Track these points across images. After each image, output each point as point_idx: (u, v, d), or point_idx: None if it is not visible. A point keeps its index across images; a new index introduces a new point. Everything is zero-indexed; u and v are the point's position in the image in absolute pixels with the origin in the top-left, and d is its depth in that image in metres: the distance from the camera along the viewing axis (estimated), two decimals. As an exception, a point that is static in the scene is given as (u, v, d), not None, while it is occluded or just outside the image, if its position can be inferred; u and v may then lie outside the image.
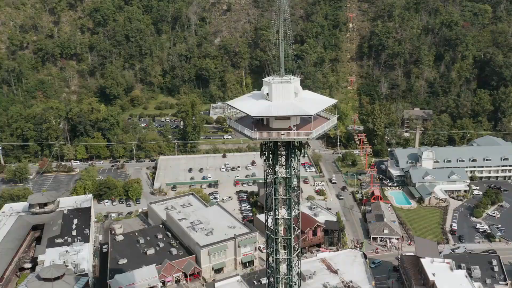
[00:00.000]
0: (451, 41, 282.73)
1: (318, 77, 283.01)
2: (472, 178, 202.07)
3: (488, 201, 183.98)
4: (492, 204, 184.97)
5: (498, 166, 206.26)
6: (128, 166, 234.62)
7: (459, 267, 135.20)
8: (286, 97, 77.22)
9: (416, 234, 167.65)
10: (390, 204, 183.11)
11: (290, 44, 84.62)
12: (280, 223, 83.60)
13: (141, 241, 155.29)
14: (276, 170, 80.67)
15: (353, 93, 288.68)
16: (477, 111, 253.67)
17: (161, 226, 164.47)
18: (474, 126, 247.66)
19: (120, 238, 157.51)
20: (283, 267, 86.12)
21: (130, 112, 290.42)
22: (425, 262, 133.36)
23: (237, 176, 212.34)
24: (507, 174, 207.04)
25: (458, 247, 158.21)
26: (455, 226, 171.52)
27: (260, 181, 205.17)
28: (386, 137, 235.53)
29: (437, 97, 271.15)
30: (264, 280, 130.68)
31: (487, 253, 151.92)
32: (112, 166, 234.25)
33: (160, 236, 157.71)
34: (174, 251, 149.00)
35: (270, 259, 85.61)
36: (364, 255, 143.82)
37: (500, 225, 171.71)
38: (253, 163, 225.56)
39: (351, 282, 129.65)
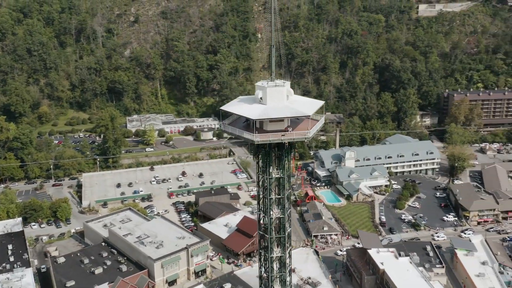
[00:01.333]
0: (353, 48, 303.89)
1: (234, 86, 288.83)
2: (389, 174, 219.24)
3: (407, 194, 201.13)
4: (411, 196, 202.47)
5: (410, 161, 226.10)
6: (47, 186, 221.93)
7: (399, 255, 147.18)
8: (280, 100, 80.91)
9: (351, 229, 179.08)
10: (323, 203, 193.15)
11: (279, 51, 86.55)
12: (272, 222, 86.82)
13: (86, 261, 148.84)
14: (270, 171, 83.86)
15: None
16: (383, 113, 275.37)
17: (103, 244, 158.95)
18: (381, 126, 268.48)
19: (61, 260, 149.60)
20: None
21: (39, 130, 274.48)
22: (372, 253, 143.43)
23: (170, 188, 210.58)
24: (419, 168, 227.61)
25: (389, 238, 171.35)
26: (383, 219, 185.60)
27: (195, 190, 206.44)
28: (306, 141, 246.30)
29: (345, 101, 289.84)
30: (227, 286, 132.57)
31: (418, 241, 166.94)
32: (53, 185, 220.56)
33: (104, 254, 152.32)
34: (124, 268, 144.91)
35: (264, 258, 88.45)
36: (316, 252, 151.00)
37: (422, 215, 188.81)
38: (183, 173, 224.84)
39: (310, 278, 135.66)
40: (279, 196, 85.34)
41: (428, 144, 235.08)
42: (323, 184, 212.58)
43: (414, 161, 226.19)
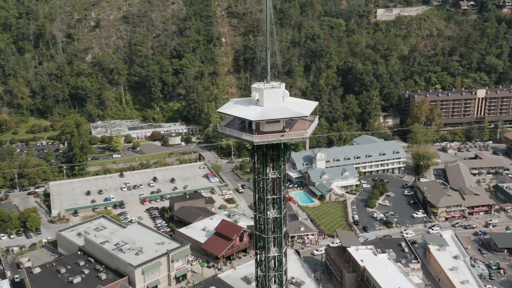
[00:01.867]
0: (316, 52, 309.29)
1: (201, 90, 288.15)
2: (359, 174, 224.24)
3: (377, 193, 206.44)
4: (381, 195, 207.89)
5: (378, 161, 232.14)
6: (12, 196, 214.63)
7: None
8: (276, 101, 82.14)
9: (326, 229, 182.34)
10: (297, 204, 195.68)
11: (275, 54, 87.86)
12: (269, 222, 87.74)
13: (62, 270, 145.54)
14: (267, 171, 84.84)
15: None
16: (348, 114, 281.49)
17: (79, 252, 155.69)
18: (347, 128, 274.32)
19: (37, 270, 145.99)
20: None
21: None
22: (352, 250, 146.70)
23: (142, 194, 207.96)
24: (386, 167, 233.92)
25: (362, 236, 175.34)
26: (356, 218, 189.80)
27: (169, 196, 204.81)
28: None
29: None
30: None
31: (393, 237, 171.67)
32: (29, 193, 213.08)
33: (81, 263, 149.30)
34: (103, 276, 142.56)
35: (261, 257, 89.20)
36: (297, 252, 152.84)
37: (393, 212, 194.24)
38: (154, 179, 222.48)
39: (293, 278, 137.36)
40: (276, 196, 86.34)
41: (394, 144, 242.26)
42: (296, 185, 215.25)
43: (381, 160, 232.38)
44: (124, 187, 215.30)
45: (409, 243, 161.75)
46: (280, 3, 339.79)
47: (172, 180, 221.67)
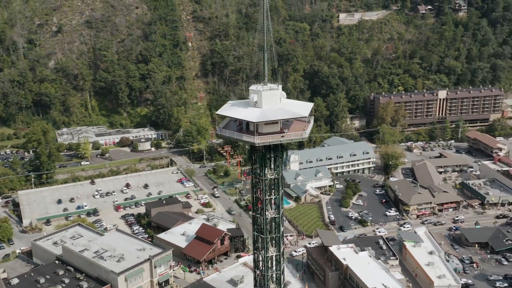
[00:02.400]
0: (283, 56, 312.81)
1: (169, 95, 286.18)
2: (331, 174, 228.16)
3: (351, 193, 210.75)
4: (354, 195, 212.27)
5: (349, 161, 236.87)
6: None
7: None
8: (274, 102, 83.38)
9: (304, 229, 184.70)
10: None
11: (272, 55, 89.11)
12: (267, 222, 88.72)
13: (41, 280, 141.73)
14: (266, 172, 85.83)
15: (204, 108, 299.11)
16: (316, 117, 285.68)
17: (57, 262, 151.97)
18: (316, 130, 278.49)
19: (15, 281, 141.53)
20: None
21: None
22: (334, 249, 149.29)
23: (116, 201, 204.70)
24: (356, 168, 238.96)
25: (339, 235, 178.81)
26: (332, 217, 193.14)
27: (144, 202, 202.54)
28: (246, 147, 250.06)
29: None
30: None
31: (371, 236, 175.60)
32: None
33: (61, 272, 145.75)
34: (84, 285, 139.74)
35: (260, 257, 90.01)
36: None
37: (367, 211, 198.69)
38: (127, 185, 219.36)
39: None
40: (274, 197, 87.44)
41: (363, 145, 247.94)
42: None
43: (352, 161, 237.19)
44: (96, 195, 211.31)
45: (386, 241, 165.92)
46: (245, 8, 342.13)
47: (146, 186, 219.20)
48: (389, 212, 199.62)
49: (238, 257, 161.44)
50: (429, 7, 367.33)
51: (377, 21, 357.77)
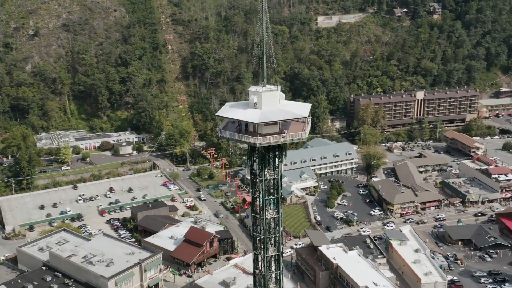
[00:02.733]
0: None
1: (150, 98, 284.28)
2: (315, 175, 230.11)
3: (335, 193, 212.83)
4: (338, 195, 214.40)
5: (332, 162, 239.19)
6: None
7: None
8: (274, 104, 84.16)
9: (291, 230, 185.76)
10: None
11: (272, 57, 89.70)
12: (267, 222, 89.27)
13: (29, 287, 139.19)
14: (266, 173, 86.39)
15: (186, 111, 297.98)
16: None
17: (44, 268, 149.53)
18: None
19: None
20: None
21: None
22: (323, 249, 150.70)
23: (100, 206, 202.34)
24: (340, 168, 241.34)
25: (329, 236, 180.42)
26: (318, 218, 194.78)
27: (129, 206, 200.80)
28: (230, 149, 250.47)
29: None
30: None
31: (358, 235, 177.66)
32: None
33: (48, 278, 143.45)
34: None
35: (259, 257, 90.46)
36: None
37: (352, 211, 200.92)
38: (111, 190, 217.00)
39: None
40: (274, 197, 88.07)
41: (346, 146, 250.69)
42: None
43: (335, 162, 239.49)
44: (79, 199, 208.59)
45: (373, 240, 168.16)
46: (224, 11, 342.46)
47: (130, 190, 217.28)
48: (374, 211, 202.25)
49: (228, 259, 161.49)
50: (405, 10, 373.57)
51: (355, 24, 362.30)
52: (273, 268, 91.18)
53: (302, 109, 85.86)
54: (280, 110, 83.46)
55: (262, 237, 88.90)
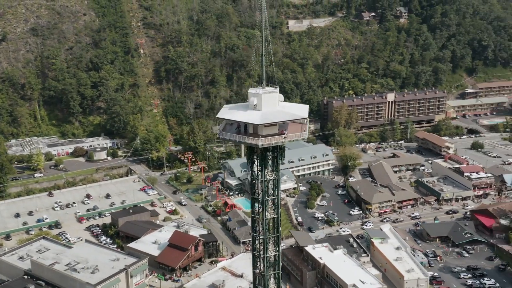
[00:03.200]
0: (237, 62, 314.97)
1: (123, 103, 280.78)
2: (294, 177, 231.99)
3: (315, 194, 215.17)
4: (317, 196, 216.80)
5: (310, 164, 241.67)
6: None
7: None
8: (273, 105, 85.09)
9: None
10: (241, 210, 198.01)
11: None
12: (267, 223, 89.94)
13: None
14: (265, 174, 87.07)
15: (160, 115, 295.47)
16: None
17: (26, 277, 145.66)
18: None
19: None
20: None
21: None
22: (309, 249, 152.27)
23: (78, 212, 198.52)
24: (317, 170, 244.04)
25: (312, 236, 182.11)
26: (300, 219, 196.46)
27: (107, 212, 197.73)
28: (207, 153, 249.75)
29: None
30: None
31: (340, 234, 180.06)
32: None
33: (31, 287, 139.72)
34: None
35: (259, 257, 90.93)
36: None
37: (332, 211, 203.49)
38: (88, 196, 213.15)
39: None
40: (274, 197, 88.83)
41: (323, 147, 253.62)
42: (236, 192, 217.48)
43: (313, 163, 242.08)
44: (56, 207, 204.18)
45: (356, 239, 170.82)
46: (196, 14, 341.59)
47: (108, 196, 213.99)
48: (353, 211, 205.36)
49: (213, 262, 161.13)
50: (373, 14, 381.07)
51: (325, 28, 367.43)
52: (272, 268, 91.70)
53: (301, 110, 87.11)
54: (280, 111, 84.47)
55: (262, 238, 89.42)
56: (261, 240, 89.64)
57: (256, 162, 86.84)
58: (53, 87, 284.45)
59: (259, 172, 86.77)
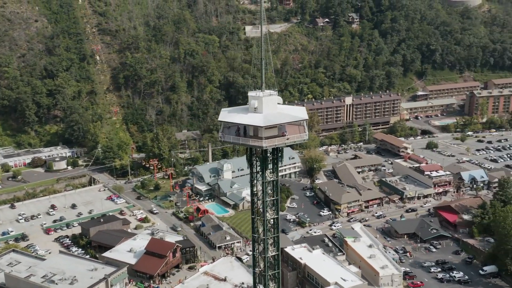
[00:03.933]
0: (197, 68, 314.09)
1: (82, 110, 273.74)
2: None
3: (284, 197, 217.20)
4: (287, 198, 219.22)
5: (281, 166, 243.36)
6: None
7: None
8: (273, 107, 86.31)
9: (248, 235, 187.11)
10: (214, 215, 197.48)
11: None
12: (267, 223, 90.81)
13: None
14: (266, 175, 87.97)
15: (120, 122, 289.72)
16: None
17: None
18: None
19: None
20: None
21: None
22: (289, 250, 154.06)
23: (45, 224, 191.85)
24: (284, 172, 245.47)
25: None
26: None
27: (76, 222, 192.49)
28: (172, 159, 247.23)
29: (199, 118, 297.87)
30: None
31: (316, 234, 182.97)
32: None
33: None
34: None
35: (259, 258, 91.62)
36: (239, 259, 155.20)
37: (302, 213, 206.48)
38: (53, 207, 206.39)
39: (243, 283, 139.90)
40: (273, 198, 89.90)
41: (289, 151, 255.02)
42: (206, 198, 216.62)
43: (280, 166, 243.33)
44: (20, 219, 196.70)
45: (331, 238, 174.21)
46: (152, 20, 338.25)
47: (74, 206, 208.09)
48: (323, 212, 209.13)
49: (192, 268, 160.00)
50: (326, 20, 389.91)
51: (282, 33, 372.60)
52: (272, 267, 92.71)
53: (300, 112, 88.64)
54: (281, 114, 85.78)
55: (262, 238, 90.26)
56: (261, 240, 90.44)
57: (256, 164, 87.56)
58: (6, 96, 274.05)
59: (260, 174, 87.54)
